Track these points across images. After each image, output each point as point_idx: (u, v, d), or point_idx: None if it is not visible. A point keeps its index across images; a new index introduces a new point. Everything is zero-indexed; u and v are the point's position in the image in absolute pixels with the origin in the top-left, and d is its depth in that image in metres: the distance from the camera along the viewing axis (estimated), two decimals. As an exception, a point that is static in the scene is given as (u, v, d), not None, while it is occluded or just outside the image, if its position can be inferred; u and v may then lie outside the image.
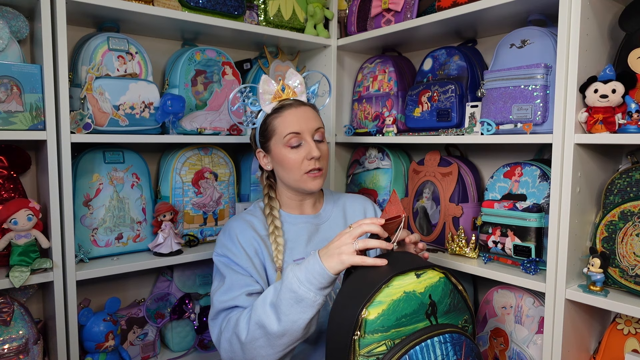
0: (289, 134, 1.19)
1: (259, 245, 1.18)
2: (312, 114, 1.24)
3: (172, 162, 1.52)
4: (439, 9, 1.41)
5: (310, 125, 1.21)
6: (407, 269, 0.94)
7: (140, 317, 1.54)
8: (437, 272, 0.97)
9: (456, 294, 0.99)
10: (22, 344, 1.20)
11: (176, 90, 1.49)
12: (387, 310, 0.90)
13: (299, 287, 0.97)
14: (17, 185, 1.33)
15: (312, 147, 1.19)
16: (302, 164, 1.20)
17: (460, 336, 0.93)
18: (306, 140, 1.20)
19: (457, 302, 0.98)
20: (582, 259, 1.21)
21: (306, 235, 1.24)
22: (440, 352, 0.90)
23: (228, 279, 1.14)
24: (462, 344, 0.93)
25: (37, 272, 1.21)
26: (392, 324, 0.90)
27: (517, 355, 1.32)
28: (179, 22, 1.45)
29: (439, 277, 0.96)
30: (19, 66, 1.18)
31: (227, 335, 1.08)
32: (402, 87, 1.67)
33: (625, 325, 1.21)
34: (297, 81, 1.26)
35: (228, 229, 1.22)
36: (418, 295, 0.93)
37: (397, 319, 0.90)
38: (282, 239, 1.20)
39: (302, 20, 1.72)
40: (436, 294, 0.95)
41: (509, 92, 1.29)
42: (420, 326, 0.92)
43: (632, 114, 1.08)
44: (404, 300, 0.91)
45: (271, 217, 1.23)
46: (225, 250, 1.18)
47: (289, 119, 1.21)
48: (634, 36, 1.15)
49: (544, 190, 1.28)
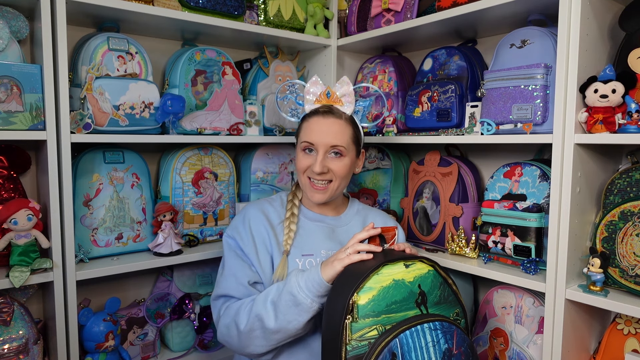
0: (304, 142, 1.22)
1: (269, 235, 1.22)
2: (337, 129, 1.20)
3: (172, 162, 1.52)
4: (439, 9, 1.41)
5: (328, 140, 1.19)
6: (396, 258, 1.00)
7: (140, 317, 1.54)
8: (425, 265, 1.02)
9: (446, 287, 1.03)
10: (22, 344, 1.20)
11: (176, 90, 1.49)
12: (377, 296, 0.94)
13: (298, 292, 1.05)
14: (17, 185, 1.33)
15: (317, 162, 1.18)
16: (306, 170, 1.22)
17: (450, 325, 0.96)
18: (318, 152, 1.20)
19: (447, 294, 1.02)
20: (582, 259, 1.21)
21: (322, 234, 1.25)
22: (430, 339, 0.93)
23: (228, 265, 1.21)
24: (452, 333, 0.96)
25: (37, 272, 1.21)
26: (383, 310, 0.94)
27: (517, 355, 1.32)
28: (179, 22, 1.45)
29: (428, 269, 1.01)
30: (19, 66, 1.18)
31: (226, 322, 1.16)
32: (402, 87, 1.67)
33: (625, 325, 1.21)
34: (346, 91, 1.24)
35: (244, 213, 1.26)
36: (407, 284, 0.98)
37: (387, 305, 0.95)
38: (295, 226, 1.23)
39: (302, 20, 1.72)
40: (425, 285, 0.99)
41: (509, 92, 1.29)
42: (410, 314, 0.97)
43: (632, 114, 1.08)
44: (394, 287, 0.96)
45: (291, 204, 1.27)
46: (234, 233, 1.23)
47: (311, 127, 1.22)
48: (634, 36, 1.15)
49: (544, 190, 1.28)
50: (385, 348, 0.90)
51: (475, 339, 1.43)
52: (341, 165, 1.21)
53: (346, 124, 1.23)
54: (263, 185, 1.69)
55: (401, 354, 0.90)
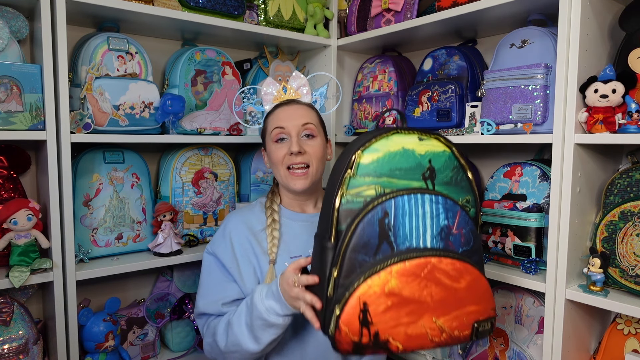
0: (275, 128, 1.22)
1: (251, 245, 1.21)
2: (302, 111, 1.23)
3: (172, 162, 1.52)
4: (439, 9, 1.41)
5: (297, 121, 1.20)
6: (411, 130, 0.94)
7: (140, 317, 1.54)
8: (442, 144, 0.95)
9: (461, 171, 0.96)
10: (22, 344, 1.20)
11: (176, 90, 1.49)
12: (382, 158, 0.90)
13: (269, 316, 1.05)
14: (17, 185, 1.33)
15: (293, 142, 1.19)
16: (284, 158, 1.20)
17: (455, 205, 0.91)
18: (290, 135, 1.20)
19: (460, 179, 0.96)
20: (582, 259, 1.21)
21: (306, 233, 1.24)
22: (430, 209, 0.89)
23: (205, 284, 1.24)
24: (456, 212, 0.91)
25: (37, 272, 1.21)
26: (385, 172, 0.90)
27: (517, 355, 1.32)
28: (179, 22, 1.45)
29: (444, 149, 0.95)
30: (18, 66, 1.18)
31: (209, 340, 1.19)
32: (402, 87, 1.67)
33: (626, 325, 1.21)
34: (301, 83, 1.26)
35: (224, 225, 1.27)
36: (417, 155, 0.92)
37: (391, 169, 0.90)
38: (277, 232, 1.22)
39: (302, 20, 1.72)
40: (437, 162, 0.94)
41: (509, 92, 1.29)
42: (414, 184, 0.92)
43: (632, 114, 1.08)
44: (401, 154, 0.91)
45: (270, 210, 1.26)
46: (215, 248, 1.24)
47: (278, 116, 1.23)
48: (634, 36, 1.15)
49: (544, 190, 1.28)
50: (379, 205, 0.87)
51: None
52: (315, 145, 1.21)
53: (309, 108, 1.26)
54: (263, 185, 1.69)
55: (394, 215, 0.87)
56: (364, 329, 0.86)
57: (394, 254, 0.87)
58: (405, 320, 0.87)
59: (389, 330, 0.86)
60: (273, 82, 1.28)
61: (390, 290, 0.85)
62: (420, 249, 0.88)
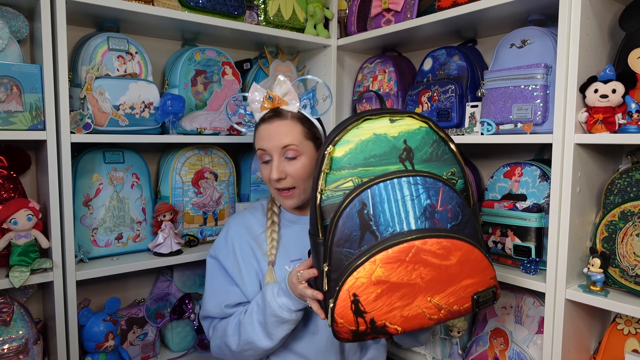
0: (258, 150, 1.20)
1: (252, 248, 1.22)
2: (285, 128, 1.15)
3: (172, 162, 1.52)
4: (439, 9, 1.41)
5: (278, 142, 1.15)
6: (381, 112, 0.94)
7: (140, 317, 1.54)
8: (417, 121, 0.95)
9: (442, 145, 0.96)
10: (22, 344, 1.20)
11: (176, 90, 1.49)
12: (355, 149, 0.92)
13: (282, 313, 1.08)
14: (17, 185, 1.33)
15: (274, 168, 1.15)
16: (270, 180, 1.18)
17: (436, 182, 0.91)
18: (273, 157, 1.16)
19: (441, 153, 0.96)
20: (582, 259, 1.21)
21: (305, 237, 1.23)
22: (408, 192, 0.90)
23: (210, 287, 1.24)
24: (438, 189, 0.91)
25: (37, 272, 1.21)
26: (360, 163, 0.92)
27: (517, 355, 1.32)
28: (179, 22, 1.44)
29: (419, 125, 0.95)
30: (18, 66, 1.18)
31: (217, 342, 1.20)
32: (402, 87, 1.67)
33: (626, 325, 1.21)
34: (286, 90, 1.19)
35: (226, 229, 1.27)
36: (390, 139, 0.93)
37: (365, 158, 0.92)
38: (277, 235, 1.22)
39: (302, 20, 1.72)
40: (413, 141, 0.94)
41: (509, 92, 1.29)
42: (391, 168, 0.93)
43: (632, 114, 1.08)
44: (373, 141, 0.92)
45: (271, 212, 1.26)
46: (217, 252, 1.25)
47: (261, 135, 1.19)
48: (634, 36, 1.15)
49: (544, 190, 1.28)
50: (356, 198, 0.88)
51: (475, 339, 1.43)
52: (298, 167, 1.15)
53: (293, 122, 1.17)
54: (263, 185, 1.69)
55: (372, 204, 0.88)
56: (358, 318, 0.89)
57: (378, 243, 0.88)
58: (399, 304, 0.89)
59: (384, 315, 0.89)
60: (257, 89, 1.21)
61: (378, 279, 0.87)
62: (405, 232, 0.89)
